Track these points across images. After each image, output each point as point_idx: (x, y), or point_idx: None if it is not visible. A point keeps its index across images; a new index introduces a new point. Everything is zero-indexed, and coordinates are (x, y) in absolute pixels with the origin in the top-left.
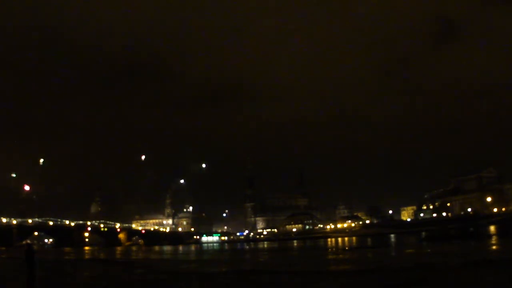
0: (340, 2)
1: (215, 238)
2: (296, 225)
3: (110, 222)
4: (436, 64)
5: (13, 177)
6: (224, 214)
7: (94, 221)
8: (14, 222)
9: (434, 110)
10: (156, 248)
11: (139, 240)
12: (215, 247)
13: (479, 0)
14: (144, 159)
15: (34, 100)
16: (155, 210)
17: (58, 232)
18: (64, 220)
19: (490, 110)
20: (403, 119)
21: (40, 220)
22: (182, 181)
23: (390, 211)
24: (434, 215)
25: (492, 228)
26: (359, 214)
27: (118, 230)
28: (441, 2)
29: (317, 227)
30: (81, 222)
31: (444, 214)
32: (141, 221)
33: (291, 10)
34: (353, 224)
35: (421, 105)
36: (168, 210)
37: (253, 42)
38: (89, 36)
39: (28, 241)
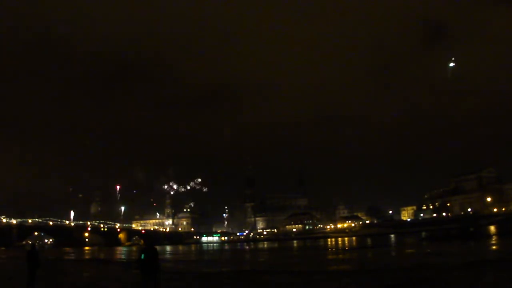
0: (331, 5)
1: (215, 238)
2: (296, 225)
3: (110, 222)
4: (428, 64)
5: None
6: (224, 214)
7: (94, 221)
8: (14, 222)
9: (432, 110)
10: (156, 248)
11: (140, 240)
12: (215, 247)
13: (467, 1)
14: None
15: (32, 102)
16: (155, 210)
17: (58, 232)
18: (64, 220)
19: (486, 109)
20: (402, 119)
21: (40, 220)
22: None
23: (390, 211)
24: (434, 215)
25: (492, 228)
26: (359, 214)
27: (118, 230)
28: (430, 3)
29: (317, 227)
30: (81, 222)
31: (444, 214)
32: (141, 221)
33: (282, 13)
34: (353, 224)
35: (418, 104)
36: (168, 210)
37: (250, 44)
38: (84, 38)
39: (29, 241)
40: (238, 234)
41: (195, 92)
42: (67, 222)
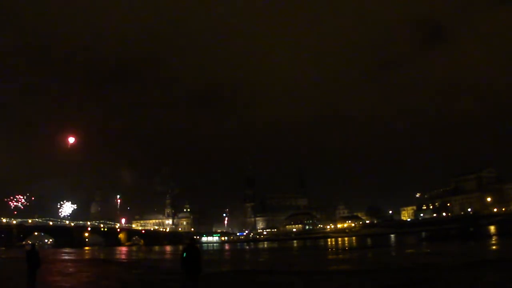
0: (327, 7)
1: (215, 238)
2: (296, 225)
3: (110, 222)
4: (425, 65)
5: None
6: (224, 214)
7: (94, 221)
8: (14, 222)
9: (432, 110)
10: (156, 248)
11: (140, 240)
12: (215, 247)
13: (464, 2)
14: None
15: (31, 102)
16: (155, 210)
17: (58, 232)
18: (64, 220)
19: (486, 109)
20: (402, 119)
21: (40, 220)
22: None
23: (390, 211)
24: (434, 215)
25: (492, 228)
26: (359, 214)
27: (118, 230)
28: (427, 5)
29: (317, 227)
30: (81, 222)
31: (444, 214)
32: (141, 221)
33: (280, 13)
34: (353, 224)
35: (418, 104)
36: (168, 210)
37: (249, 45)
38: (80, 39)
39: (29, 241)
40: (238, 234)
41: (194, 92)
42: (67, 222)
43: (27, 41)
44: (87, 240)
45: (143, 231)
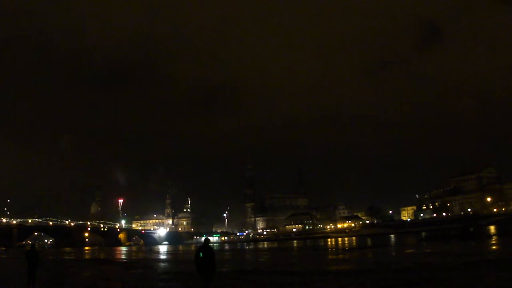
0: (327, 8)
1: (215, 238)
2: (296, 225)
3: (110, 222)
4: (425, 65)
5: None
6: (224, 214)
7: (94, 221)
8: (14, 222)
9: (432, 110)
10: (156, 248)
11: (140, 240)
12: (215, 247)
13: (464, 2)
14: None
15: (31, 102)
16: (155, 210)
17: (58, 232)
18: (64, 220)
19: (486, 109)
20: (402, 118)
21: (40, 220)
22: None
23: (390, 211)
24: (434, 215)
25: (492, 228)
26: (359, 214)
27: (118, 230)
28: (426, 4)
29: (317, 227)
30: (81, 222)
31: (444, 214)
32: (141, 221)
33: (279, 13)
34: (353, 224)
35: (417, 104)
36: (168, 210)
37: (250, 45)
38: (80, 41)
39: (30, 241)
40: (238, 234)
41: (195, 92)
42: (67, 222)
43: (28, 41)
44: (87, 240)
45: (143, 231)
